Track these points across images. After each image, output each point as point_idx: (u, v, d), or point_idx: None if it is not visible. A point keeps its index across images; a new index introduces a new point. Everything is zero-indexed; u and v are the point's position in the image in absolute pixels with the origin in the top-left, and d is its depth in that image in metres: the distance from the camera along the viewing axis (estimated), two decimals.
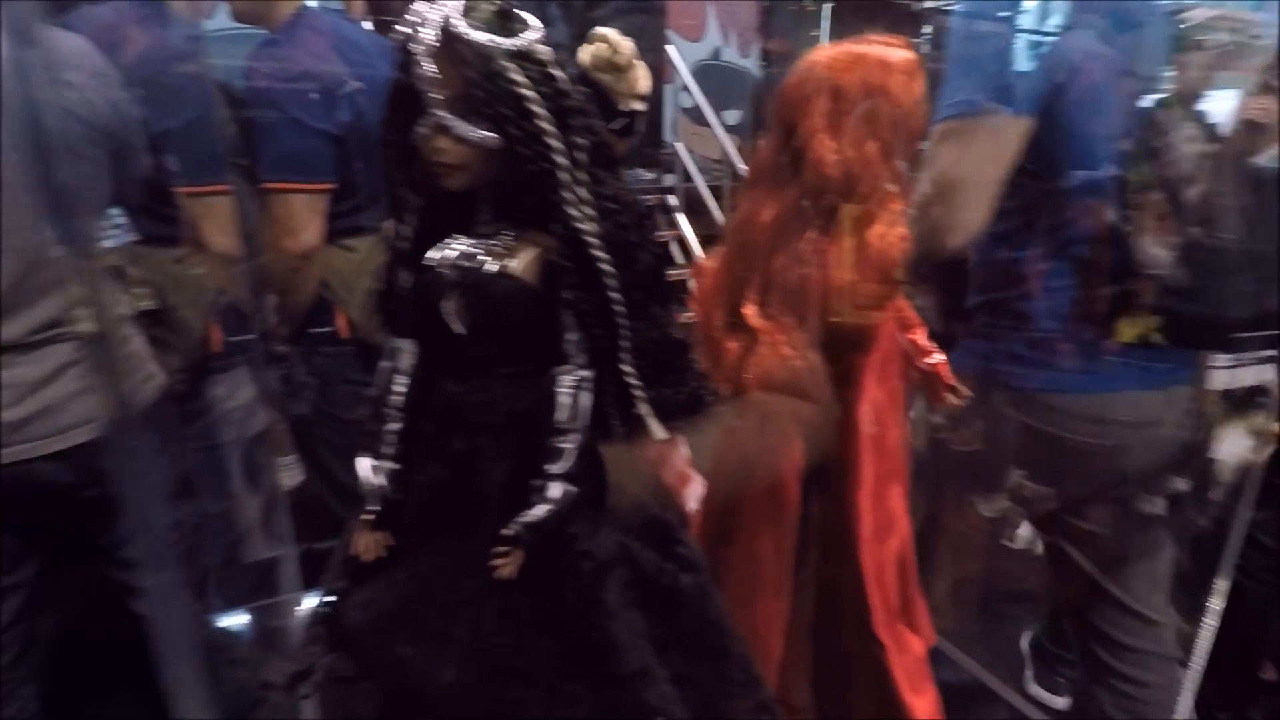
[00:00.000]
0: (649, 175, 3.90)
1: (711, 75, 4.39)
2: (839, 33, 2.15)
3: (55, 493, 1.38)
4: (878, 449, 1.27)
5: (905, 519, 1.32)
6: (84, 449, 1.37)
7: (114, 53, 1.33)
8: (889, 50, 1.17)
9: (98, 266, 1.45)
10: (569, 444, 0.92)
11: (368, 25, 2.23)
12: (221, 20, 2.03)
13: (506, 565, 0.88)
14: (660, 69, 3.60)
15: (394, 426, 1.00)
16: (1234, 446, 1.55)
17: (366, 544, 0.97)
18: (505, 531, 0.88)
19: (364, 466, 0.99)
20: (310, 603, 1.16)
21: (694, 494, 1.58)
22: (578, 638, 0.94)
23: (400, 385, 1.00)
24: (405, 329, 1.02)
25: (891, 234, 1.14)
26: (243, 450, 1.79)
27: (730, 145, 3.39)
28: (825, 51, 1.19)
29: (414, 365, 1.01)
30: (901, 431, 1.32)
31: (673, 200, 3.80)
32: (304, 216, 1.64)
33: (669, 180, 3.88)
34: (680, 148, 3.66)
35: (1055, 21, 1.15)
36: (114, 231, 1.55)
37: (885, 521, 1.29)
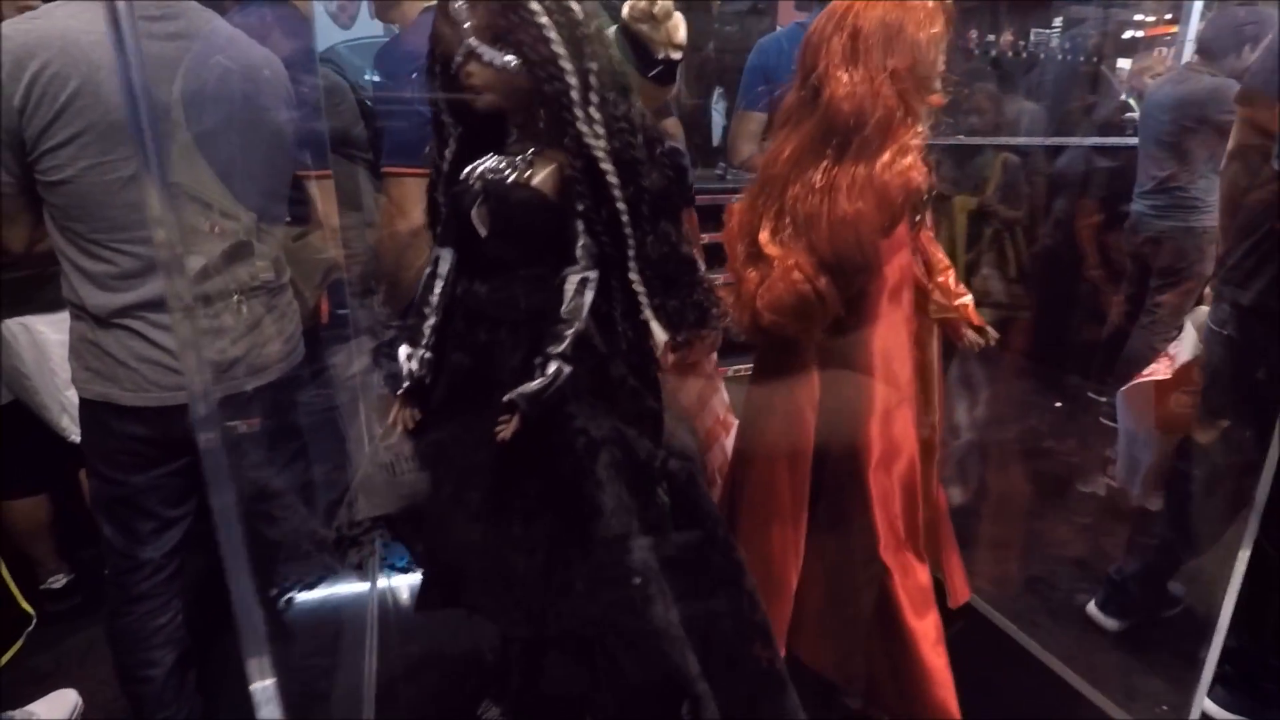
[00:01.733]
0: (751, 176, 3.90)
1: None
2: None
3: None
4: (886, 376, 1.31)
5: (912, 445, 1.34)
6: (271, 386, 1.62)
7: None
8: None
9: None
10: (569, 331, 1.03)
11: None
12: (357, 30, 2.29)
13: (505, 429, 1.01)
14: None
15: (430, 321, 1.15)
16: None
17: (398, 416, 1.12)
18: (506, 399, 1.01)
19: (402, 352, 1.14)
20: None
21: (731, 440, 1.66)
22: (571, 505, 1.05)
23: (438, 286, 1.15)
24: (446, 239, 1.17)
25: (898, 165, 1.18)
26: (355, 415, 2.00)
27: None
28: None
29: (450, 270, 1.15)
30: (910, 361, 1.35)
31: None
32: (416, 197, 1.81)
33: None
34: None
35: None
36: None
37: (891, 448, 1.32)
